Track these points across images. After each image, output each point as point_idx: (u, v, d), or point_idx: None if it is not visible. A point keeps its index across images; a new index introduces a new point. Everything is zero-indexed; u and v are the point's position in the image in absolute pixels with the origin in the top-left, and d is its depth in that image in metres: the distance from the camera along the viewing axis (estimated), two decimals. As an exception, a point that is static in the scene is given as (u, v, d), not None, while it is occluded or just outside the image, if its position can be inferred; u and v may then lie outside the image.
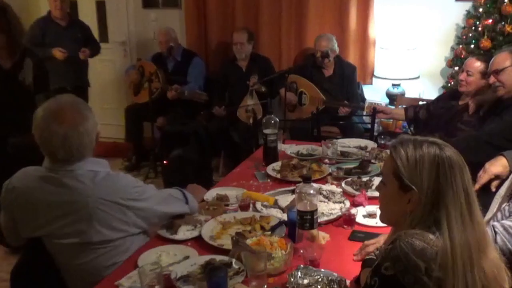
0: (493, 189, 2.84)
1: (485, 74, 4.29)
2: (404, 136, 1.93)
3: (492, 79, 3.88)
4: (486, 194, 2.81)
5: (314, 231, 2.62)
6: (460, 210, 1.77)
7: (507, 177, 2.78)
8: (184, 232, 2.82)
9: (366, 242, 2.50)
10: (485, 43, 5.29)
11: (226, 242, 2.66)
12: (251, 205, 3.15)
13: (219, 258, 2.47)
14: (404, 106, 5.33)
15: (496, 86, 3.86)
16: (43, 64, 5.15)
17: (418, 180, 1.81)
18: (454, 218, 1.75)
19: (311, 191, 2.61)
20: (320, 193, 3.17)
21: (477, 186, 2.78)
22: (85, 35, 6.67)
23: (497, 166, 2.83)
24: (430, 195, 1.79)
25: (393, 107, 5.75)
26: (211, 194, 3.33)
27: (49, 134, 2.50)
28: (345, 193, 3.29)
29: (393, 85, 6.12)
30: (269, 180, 3.62)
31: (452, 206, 1.77)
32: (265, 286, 2.31)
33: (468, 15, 5.70)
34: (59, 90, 5.94)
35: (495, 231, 2.35)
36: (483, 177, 2.82)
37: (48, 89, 5.10)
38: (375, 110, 5.04)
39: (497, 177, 2.87)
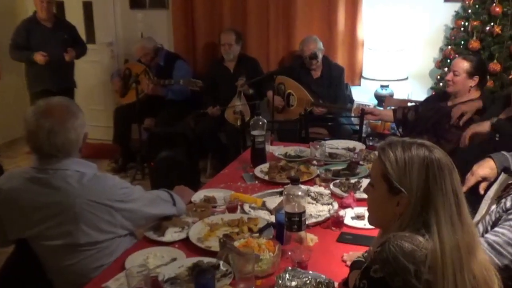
0: (481, 192, 2.84)
1: (472, 74, 4.31)
2: (393, 138, 1.92)
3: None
4: (474, 196, 2.81)
5: (302, 233, 2.61)
6: (449, 212, 1.76)
7: (496, 179, 2.79)
8: (172, 234, 2.81)
9: None
10: (474, 44, 5.31)
11: (213, 244, 2.64)
12: (238, 207, 3.14)
13: (206, 260, 2.46)
14: (393, 107, 5.34)
15: None
16: None
17: (407, 182, 1.80)
18: (444, 220, 1.75)
19: (299, 193, 2.60)
20: (308, 195, 3.16)
21: (464, 188, 2.77)
22: (72, 36, 6.63)
23: (484, 168, 2.82)
24: (419, 197, 1.78)
25: (381, 108, 5.75)
26: (198, 196, 3.32)
27: (35, 128, 2.54)
28: (333, 195, 3.28)
29: (382, 86, 6.12)
30: (257, 182, 3.61)
31: (441, 208, 1.76)
32: (253, 288, 2.30)
33: (457, 16, 5.72)
34: (45, 92, 5.93)
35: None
36: (470, 180, 2.82)
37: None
38: (363, 112, 5.04)
39: (484, 179, 2.87)
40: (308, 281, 2.24)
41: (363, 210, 2.97)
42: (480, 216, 2.64)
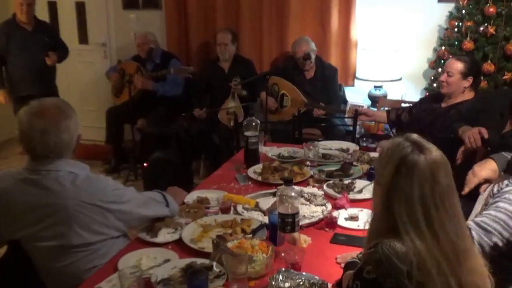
0: (482, 192, 2.83)
1: (466, 75, 4.30)
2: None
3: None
4: (468, 200, 2.81)
5: (296, 234, 2.61)
6: (414, 218, 1.74)
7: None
8: (165, 235, 2.80)
9: None
10: (468, 44, 5.31)
11: (206, 245, 2.64)
12: (232, 208, 3.13)
13: (199, 261, 2.46)
14: (387, 108, 5.34)
15: None
16: None
17: (382, 175, 1.82)
18: (410, 225, 1.74)
19: (293, 194, 2.60)
20: (302, 196, 3.16)
21: (466, 189, 2.77)
22: (53, 39, 6.53)
23: (486, 170, 2.81)
24: (385, 191, 1.80)
25: (375, 109, 5.76)
26: (191, 197, 3.31)
27: (29, 129, 2.54)
28: (326, 196, 3.27)
29: (375, 87, 6.12)
30: (250, 183, 3.61)
31: (403, 212, 1.75)
32: (246, 290, 2.30)
33: (451, 16, 5.72)
34: (27, 97, 5.86)
35: (469, 228, 2.36)
36: (472, 181, 2.80)
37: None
38: (357, 113, 5.04)
39: (486, 181, 2.86)
40: (301, 282, 2.24)
41: (356, 211, 2.98)
42: (476, 214, 2.65)
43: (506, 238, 2.33)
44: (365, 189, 3.35)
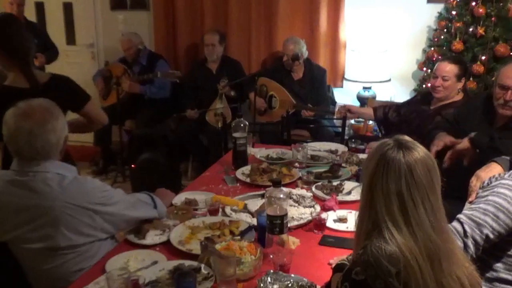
0: None
1: (460, 77, 4.27)
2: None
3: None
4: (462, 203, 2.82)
5: (284, 236, 2.61)
6: (392, 215, 1.76)
7: None
8: (153, 237, 2.80)
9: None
10: (457, 45, 5.32)
11: (195, 247, 2.63)
12: (220, 210, 3.13)
13: (187, 263, 2.45)
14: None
15: None
16: None
17: (364, 169, 1.88)
18: (391, 224, 1.75)
19: (281, 196, 2.60)
20: (290, 198, 3.15)
21: (473, 195, 2.76)
22: (42, 41, 6.44)
23: (492, 173, 2.80)
24: (365, 187, 1.84)
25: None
26: (179, 199, 3.30)
27: (16, 130, 2.54)
28: (315, 198, 3.27)
29: (364, 88, 6.12)
30: (238, 184, 3.60)
31: (382, 208, 1.77)
32: (235, 292, 2.29)
33: (440, 17, 5.74)
34: None
35: (461, 222, 2.37)
36: (477, 186, 2.80)
37: None
38: (345, 115, 5.03)
39: None
40: (290, 285, 2.24)
41: (345, 213, 2.98)
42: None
43: (497, 231, 2.34)
44: (354, 190, 3.35)
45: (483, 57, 5.23)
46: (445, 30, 5.59)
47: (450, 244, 1.84)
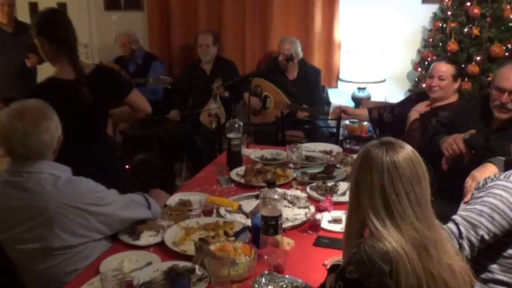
0: None
1: (456, 77, 4.27)
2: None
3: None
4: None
5: (279, 237, 2.61)
6: (376, 209, 1.79)
7: None
8: (147, 237, 2.80)
9: None
10: (452, 45, 5.30)
11: (189, 248, 2.64)
12: (214, 211, 3.12)
13: (182, 264, 2.45)
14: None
15: None
16: None
17: (352, 168, 1.94)
18: (376, 219, 1.78)
19: (276, 196, 2.60)
20: (285, 198, 3.15)
21: (469, 196, 2.76)
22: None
23: (487, 174, 2.80)
24: (352, 184, 1.89)
25: (358, 111, 5.76)
26: (174, 199, 3.30)
27: (9, 130, 2.54)
28: (310, 198, 3.27)
29: (359, 88, 6.11)
30: (233, 185, 3.60)
31: (367, 203, 1.81)
32: (229, 293, 2.28)
33: (435, 18, 5.73)
34: (9, 100, 5.77)
35: (456, 223, 2.37)
36: (473, 186, 2.80)
37: None
38: (340, 115, 5.02)
39: None
40: (284, 285, 2.24)
41: (340, 214, 2.98)
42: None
43: (493, 232, 2.35)
44: (348, 191, 3.34)
45: (478, 58, 5.20)
46: (440, 30, 5.58)
47: (437, 233, 1.86)
